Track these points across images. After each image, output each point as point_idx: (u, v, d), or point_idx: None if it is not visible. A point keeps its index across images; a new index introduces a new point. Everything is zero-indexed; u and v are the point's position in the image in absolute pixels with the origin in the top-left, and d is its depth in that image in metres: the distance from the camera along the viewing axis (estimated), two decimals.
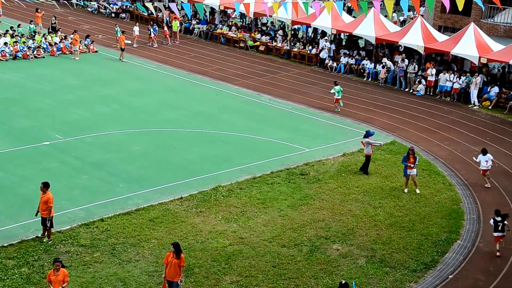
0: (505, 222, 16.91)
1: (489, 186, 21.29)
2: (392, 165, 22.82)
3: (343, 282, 13.52)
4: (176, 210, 18.70)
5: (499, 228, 16.94)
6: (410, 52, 34.34)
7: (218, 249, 16.75)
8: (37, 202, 16.90)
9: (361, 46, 37.63)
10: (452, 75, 31.32)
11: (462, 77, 31.18)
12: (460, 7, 28.61)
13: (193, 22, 44.46)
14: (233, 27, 42.70)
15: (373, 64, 34.76)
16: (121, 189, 19.97)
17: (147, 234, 17.35)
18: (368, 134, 22.05)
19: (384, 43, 35.63)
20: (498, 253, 16.95)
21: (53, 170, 21.04)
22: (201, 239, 17.21)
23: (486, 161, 21.19)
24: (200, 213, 18.63)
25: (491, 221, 17.19)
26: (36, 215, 16.83)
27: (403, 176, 20.93)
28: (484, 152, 21.34)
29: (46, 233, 16.82)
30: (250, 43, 40.50)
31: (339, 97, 28.48)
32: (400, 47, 35.10)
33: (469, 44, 31.07)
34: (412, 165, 20.39)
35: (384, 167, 22.56)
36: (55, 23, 40.94)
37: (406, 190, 20.62)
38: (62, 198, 18.78)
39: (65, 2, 49.19)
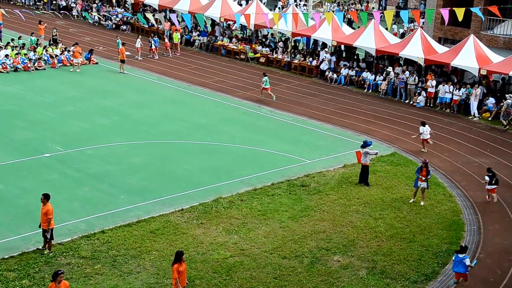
0: (496, 178, 20.84)
1: (426, 151, 25.30)
2: (392, 176, 22.92)
3: (463, 245, 16.07)
4: (177, 222, 18.77)
5: (493, 182, 20.79)
6: (410, 64, 34.52)
7: (219, 260, 16.82)
8: (38, 214, 16.99)
9: (361, 58, 37.81)
10: (452, 86, 31.50)
11: (462, 88, 31.35)
12: (460, 17, 28.87)
13: (194, 34, 44.72)
14: (234, 39, 42.94)
15: (373, 75, 34.95)
16: (122, 201, 20.04)
17: (148, 246, 17.42)
18: (365, 144, 22.15)
19: (384, 55, 35.85)
20: (494, 200, 20.86)
21: (53, 182, 21.12)
22: (202, 250, 17.27)
23: (426, 131, 24.86)
24: (201, 224, 18.70)
25: (486, 177, 20.89)
26: (40, 227, 16.91)
27: (413, 186, 21.03)
28: (423, 124, 25.02)
29: (47, 245, 16.87)
30: (250, 55, 40.69)
31: (268, 86, 31.47)
32: (401, 59, 35.27)
33: (469, 55, 31.27)
34: (423, 178, 20.47)
35: (384, 179, 22.66)
36: (56, 35, 41.17)
37: (411, 201, 20.73)
38: (62, 210, 18.85)
39: (66, 13, 49.57)
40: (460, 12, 28.73)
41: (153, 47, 40.43)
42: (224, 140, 25.94)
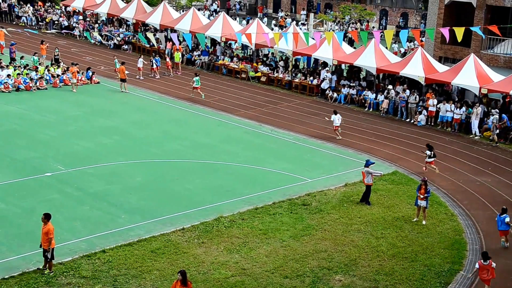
0: (434, 152, 24.76)
1: (340, 138, 28.82)
2: (394, 195, 22.92)
3: (504, 207, 19.51)
4: (178, 241, 18.75)
5: (432, 155, 24.74)
6: (411, 83, 34.61)
7: (220, 280, 16.78)
8: (39, 233, 16.98)
9: (361, 77, 37.98)
10: (453, 105, 31.59)
11: (463, 107, 31.42)
12: (459, 37, 29.08)
13: (195, 53, 44.97)
14: (235, 58, 43.17)
15: (374, 94, 35.10)
16: (123, 220, 20.04)
17: (149, 265, 17.39)
18: (368, 164, 22.19)
19: (386, 73, 36.00)
20: (437, 171, 24.96)
21: (54, 201, 21.13)
22: (203, 270, 17.23)
23: (337, 119, 28.64)
24: (202, 244, 18.67)
25: (427, 152, 24.73)
26: (40, 246, 16.91)
27: (414, 205, 21.07)
28: (335, 113, 28.78)
29: (47, 265, 16.83)
30: (251, 74, 40.86)
31: (198, 85, 35.03)
32: (402, 78, 35.34)
33: (469, 74, 31.41)
34: (421, 196, 20.48)
35: (386, 197, 22.65)
36: (58, 55, 41.40)
37: (415, 220, 20.69)
38: (63, 229, 18.86)
39: (70, 32, 49.97)
40: (459, 32, 28.95)
41: (155, 66, 40.63)
42: (225, 159, 25.98)
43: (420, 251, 18.75)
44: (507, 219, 18.99)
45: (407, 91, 33.47)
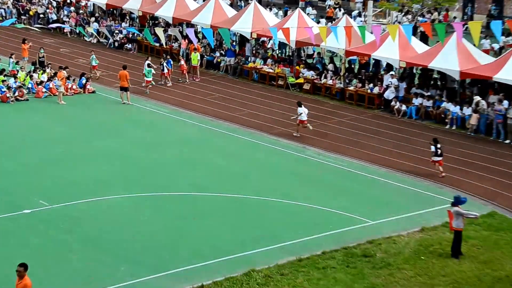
0: (441, 150, 27.75)
1: (299, 135, 32.31)
2: (492, 246, 21.97)
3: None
4: None
5: (439, 153, 27.49)
6: (510, 91, 33.63)
7: None
8: None
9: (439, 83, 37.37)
10: None
11: None
12: None
13: (217, 54, 44.88)
14: (269, 60, 43.01)
15: (458, 106, 34.33)
16: (122, 274, 19.81)
17: None
18: (458, 202, 21.38)
19: (473, 79, 35.28)
20: (443, 174, 27.56)
21: (34, 248, 21.08)
22: None
23: (304, 112, 31.99)
24: None
25: (432, 148, 27.52)
26: None
27: None
28: (300, 104, 32.22)
29: None
30: (291, 80, 40.70)
31: (150, 78, 38.85)
32: (497, 86, 34.51)
33: None
34: None
35: (480, 249, 21.74)
36: (43, 56, 41.91)
37: None
38: (44, 285, 18.54)
39: (60, 25, 50.26)
40: None
41: (166, 71, 40.70)
42: (258, 193, 25.76)
43: None
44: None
45: (505, 102, 32.58)
